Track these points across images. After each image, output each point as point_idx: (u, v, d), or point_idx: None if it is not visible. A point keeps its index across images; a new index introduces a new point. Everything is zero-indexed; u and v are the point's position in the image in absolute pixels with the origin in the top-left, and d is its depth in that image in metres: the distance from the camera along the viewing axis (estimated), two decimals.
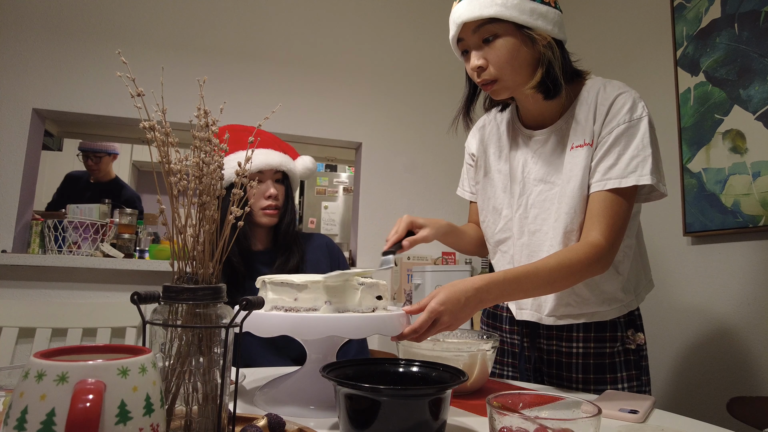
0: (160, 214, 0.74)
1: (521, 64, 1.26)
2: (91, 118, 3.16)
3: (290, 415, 0.93)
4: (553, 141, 1.36)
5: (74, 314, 2.19)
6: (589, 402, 0.74)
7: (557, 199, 1.32)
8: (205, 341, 0.72)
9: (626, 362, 1.37)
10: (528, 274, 1.16)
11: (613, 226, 1.22)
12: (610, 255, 1.22)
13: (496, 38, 1.24)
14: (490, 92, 1.31)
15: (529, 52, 1.26)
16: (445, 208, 3.62)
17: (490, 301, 1.14)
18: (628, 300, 1.38)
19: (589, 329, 1.38)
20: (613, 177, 1.23)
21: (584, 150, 1.28)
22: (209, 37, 3.33)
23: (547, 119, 1.38)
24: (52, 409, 0.52)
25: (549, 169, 1.35)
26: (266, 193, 1.77)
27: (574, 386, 1.39)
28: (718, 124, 2.28)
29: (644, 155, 1.22)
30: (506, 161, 1.45)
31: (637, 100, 1.26)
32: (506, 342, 1.54)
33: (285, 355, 1.66)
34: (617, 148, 1.24)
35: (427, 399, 0.76)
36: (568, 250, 1.21)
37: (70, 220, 2.86)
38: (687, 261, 2.47)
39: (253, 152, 1.72)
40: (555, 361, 1.42)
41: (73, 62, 3.08)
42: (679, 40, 2.52)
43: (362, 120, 3.55)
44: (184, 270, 0.73)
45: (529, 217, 1.38)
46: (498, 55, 1.24)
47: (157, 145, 0.73)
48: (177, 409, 0.71)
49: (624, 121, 1.24)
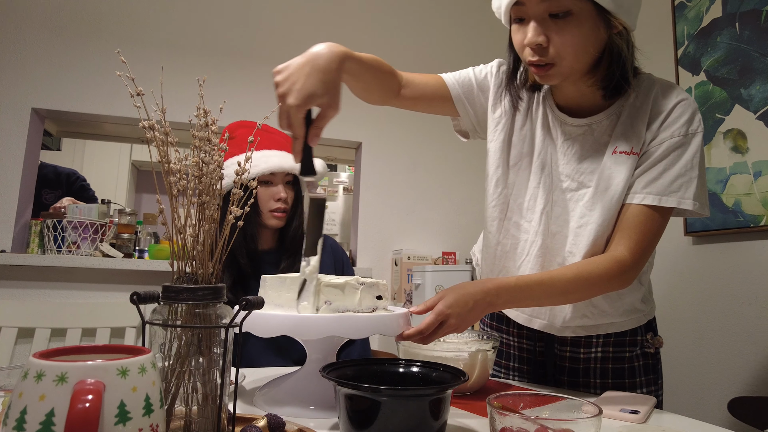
0: (159, 213, 0.74)
1: (586, 51, 1.09)
2: (90, 117, 3.17)
3: (290, 415, 0.93)
4: (589, 135, 1.22)
5: (73, 314, 2.19)
6: (590, 402, 0.74)
7: (587, 203, 1.20)
8: (205, 341, 0.72)
9: (644, 366, 1.33)
10: (542, 283, 1.11)
11: (642, 243, 1.13)
12: (633, 272, 1.14)
13: (567, 15, 1.04)
14: (541, 76, 1.12)
15: (598, 38, 1.09)
16: (447, 208, 3.62)
17: (499, 306, 1.11)
18: (648, 309, 1.33)
19: (609, 334, 1.32)
20: (653, 193, 1.13)
21: (630, 159, 1.16)
22: (209, 36, 3.33)
23: (585, 107, 1.23)
24: (52, 409, 0.51)
25: (579, 167, 1.22)
26: (276, 195, 1.77)
27: (592, 392, 1.31)
28: (719, 123, 2.28)
29: (690, 176, 1.12)
30: (530, 141, 1.29)
31: (695, 112, 1.14)
32: (512, 346, 1.46)
33: (287, 357, 1.66)
34: (664, 162, 1.13)
35: (428, 399, 0.76)
36: (588, 262, 1.13)
37: (70, 219, 2.86)
38: (688, 261, 2.47)
39: (262, 153, 1.74)
40: (571, 368, 1.36)
41: (73, 61, 3.09)
42: (680, 40, 2.52)
43: (362, 119, 3.55)
44: (183, 270, 0.73)
45: (552, 216, 1.25)
46: (565, 37, 1.06)
47: (157, 145, 0.73)
48: (176, 409, 0.70)
49: (678, 134, 1.13)
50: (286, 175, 1.81)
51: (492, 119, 1.34)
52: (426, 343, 1.08)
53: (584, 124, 1.23)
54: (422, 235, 3.56)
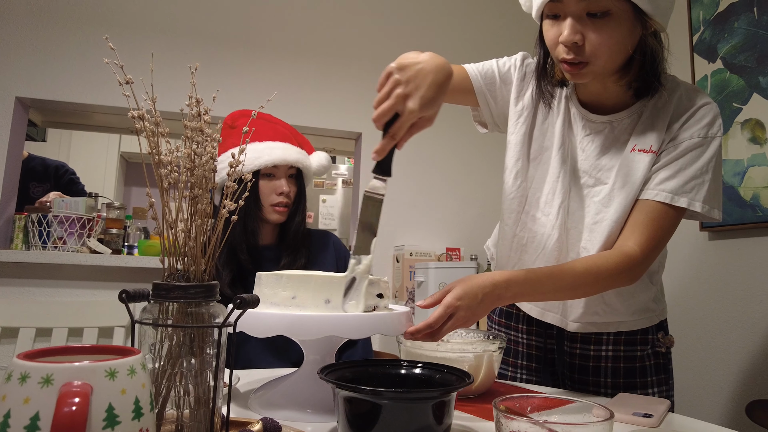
0: (149, 207, 0.74)
1: (621, 51, 1.13)
2: (77, 107, 3.16)
3: (287, 419, 0.93)
4: (609, 132, 1.27)
5: (59, 313, 2.19)
6: (601, 406, 0.74)
7: (603, 200, 1.25)
8: (197, 342, 0.72)
9: (656, 366, 1.36)
10: (552, 276, 1.14)
11: (653, 240, 1.17)
12: (641, 268, 1.18)
13: (605, 15, 1.07)
14: (573, 74, 1.15)
15: (633, 38, 1.13)
16: (451, 202, 3.61)
17: (507, 299, 1.12)
18: (659, 309, 1.37)
19: (620, 332, 1.36)
20: (666, 190, 1.17)
21: (648, 157, 1.21)
22: (201, 22, 3.32)
23: (608, 104, 1.28)
24: (36, 413, 0.51)
25: (597, 163, 1.27)
26: (279, 189, 1.77)
27: (603, 392, 1.36)
28: (736, 113, 2.28)
29: (703, 179, 1.17)
30: (552, 135, 1.33)
31: (717, 116, 1.19)
32: (521, 343, 1.49)
33: (285, 358, 1.66)
34: (681, 161, 1.18)
35: (431, 402, 0.76)
36: (598, 257, 1.17)
37: (55, 214, 2.85)
38: (704, 257, 2.47)
39: (266, 144, 1.74)
40: (581, 366, 1.39)
41: (59, 48, 3.08)
42: (695, 25, 2.51)
43: (362, 109, 3.54)
44: (175, 267, 0.73)
45: (569, 211, 1.30)
46: (602, 36, 1.08)
47: (147, 136, 0.73)
48: (167, 413, 0.70)
49: (698, 136, 1.18)
50: (289, 168, 1.80)
51: (513, 112, 1.38)
52: (435, 339, 1.09)
53: (605, 121, 1.27)
54: (425, 230, 3.56)
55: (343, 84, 3.53)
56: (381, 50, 3.58)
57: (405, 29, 3.64)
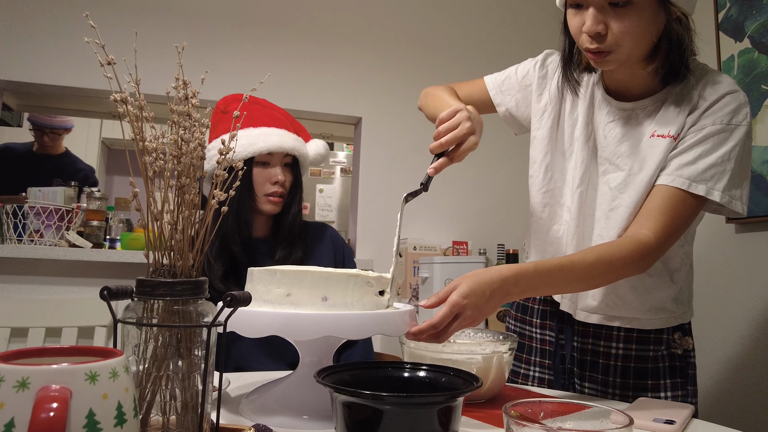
0: (133, 198, 0.74)
1: (645, 39, 1.18)
2: (54, 89, 3.14)
3: (281, 425, 0.93)
4: (632, 119, 1.32)
5: (36, 312, 2.19)
6: (620, 411, 0.74)
7: (619, 186, 1.29)
8: (185, 342, 0.72)
9: (671, 368, 1.37)
10: (563, 268, 1.15)
11: (669, 227, 1.19)
12: (654, 255, 1.20)
13: (627, 5, 1.13)
14: (598, 62, 1.22)
15: (657, 25, 1.18)
16: (459, 193, 3.61)
17: (517, 294, 1.13)
18: (680, 312, 1.39)
19: (631, 329, 1.38)
20: (684, 176, 1.20)
21: (666, 142, 1.24)
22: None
23: (634, 91, 1.33)
24: (11, 419, 0.51)
25: (617, 149, 1.32)
26: (273, 178, 1.77)
27: (610, 391, 1.38)
28: (765, 95, 2.27)
29: (725, 168, 1.19)
30: (579, 124, 1.39)
31: (743, 105, 1.22)
32: (535, 339, 1.53)
33: (279, 359, 1.67)
34: (702, 147, 1.20)
35: (436, 408, 0.76)
36: (610, 245, 1.20)
37: (32, 205, 2.84)
38: (731, 252, 2.46)
39: (261, 130, 1.74)
40: (590, 362, 1.42)
41: (35, 27, 3.06)
42: (721, 2, 2.50)
43: (362, 92, 3.53)
44: (160, 262, 0.73)
45: (587, 198, 1.36)
46: (625, 25, 1.14)
47: (130, 120, 0.73)
48: (153, 419, 0.71)
49: (721, 122, 1.20)
50: (285, 156, 1.80)
51: (537, 109, 1.48)
52: (440, 341, 1.09)
53: (629, 108, 1.33)
54: (430, 222, 3.55)
55: (343, 65, 3.52)
56: (382, 28, 3.56)
57: (409, 6, 3.62)
